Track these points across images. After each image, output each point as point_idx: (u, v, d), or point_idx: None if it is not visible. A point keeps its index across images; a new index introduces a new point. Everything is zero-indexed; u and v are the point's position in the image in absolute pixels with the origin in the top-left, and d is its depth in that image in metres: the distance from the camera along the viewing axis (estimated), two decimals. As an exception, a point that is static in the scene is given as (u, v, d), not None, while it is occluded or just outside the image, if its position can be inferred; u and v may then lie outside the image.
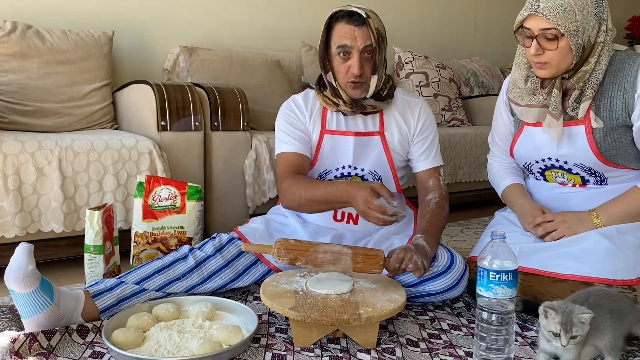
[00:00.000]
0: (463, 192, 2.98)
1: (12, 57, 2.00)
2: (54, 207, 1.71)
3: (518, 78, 1.50)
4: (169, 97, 1.99)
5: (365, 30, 1.47)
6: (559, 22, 1.31)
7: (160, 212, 1.68)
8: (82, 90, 2.14)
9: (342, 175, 1.62)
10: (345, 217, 1.63)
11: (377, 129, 1.60)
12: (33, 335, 1.19)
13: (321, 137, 1.60)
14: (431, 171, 1.62)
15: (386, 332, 1.36)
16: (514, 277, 1.12)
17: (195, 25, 2.76)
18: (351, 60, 1.48)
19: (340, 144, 1.59)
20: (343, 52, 1.48)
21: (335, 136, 1.60)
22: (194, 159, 2.04)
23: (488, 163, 1.78)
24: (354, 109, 1.55)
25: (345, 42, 1.47)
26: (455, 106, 3.24)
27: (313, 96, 1.64)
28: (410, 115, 1.62)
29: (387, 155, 1.60)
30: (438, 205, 1.56)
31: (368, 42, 1.47)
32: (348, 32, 1.47)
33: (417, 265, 1.37)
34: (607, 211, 1.44)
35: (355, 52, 1.47)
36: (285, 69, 2.82)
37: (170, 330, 1.26)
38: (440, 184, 1.61)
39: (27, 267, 1.21)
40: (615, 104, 1.40)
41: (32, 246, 1.25)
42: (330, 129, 1.60)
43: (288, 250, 1.37)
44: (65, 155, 1.72)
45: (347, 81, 1.51)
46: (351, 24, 1.47)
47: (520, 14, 1.38)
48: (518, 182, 1.66)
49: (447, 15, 3.88)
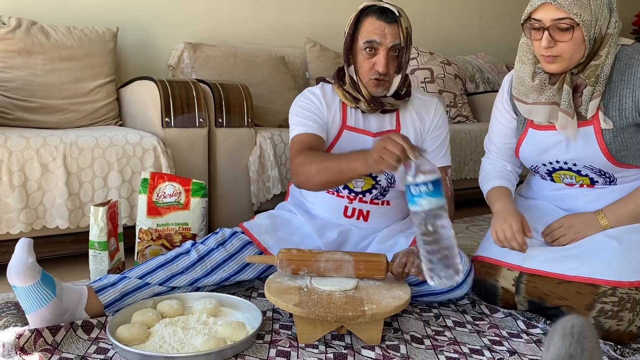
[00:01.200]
0: (468, 189, 2.96)
1: (16, 54, 2.01)
2: (59, 204, 1.71)
3: (524, 75, 1.42)
4: (173, 94, 1.98)
5: (396, 28, 1.44)
6: (574, 10, 1.25)
7: (164, 209, 1.68)
8: (86, 86, 2.14)
9: None
10: (356, 213, 1.62)
11: (393, 127, 1.58)
12: (38, 331, 1.19)
13: (340, 131, 1.56)
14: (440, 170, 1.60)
15: (391, 329, 1.36)
16: (435, 186, 1.12)
17: (199, 21, 2.75)
18: (377, 57, 1.45)
19: (359, 143, 1.54)
20: (370, 48, 1.45)
21: (355, 133, 1.56)
22: (199, 156, 2.04)
23: (481, 165, 1.69)
24: (373, 106, 1.52)
25: (374, 38, 1.44)
26: (461, 102, 3.22)
27: (331, 90, 1.59)
28: (425, 113, 1.61)
29: None
30: None
31: (397, 40, 1.44)
32: (378, 28, 1.44)
33: (419, 269, 1.35)
34: (614, 212, 1.40)
35: (383, 50, 1.44)
36: (290, 65, 2.82)
37: (174, 327, 1.26)
38: (446, 184, 1.58)
39: (27, 259, 1.23)
40: (624, 103, 1.34)
41: (32, 240, 1.27)
42: (350, 125, 1.56)
43: (290, 261, 1.38)
44: (70, 151, 1.72)
45: (370, 78, 1.48)
46: (382, 20, 1.44)
47: (530, 5, 1.31)
48: (504, 185, 1.56)
49: (452, 11, 3.86)
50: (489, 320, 1.44)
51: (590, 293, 1.30)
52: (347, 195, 1.61)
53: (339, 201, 1.62)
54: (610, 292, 1.28)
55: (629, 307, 1.27)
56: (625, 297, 1.28)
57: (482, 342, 1.31)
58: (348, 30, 1.50)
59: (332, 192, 1.63)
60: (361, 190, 1.60)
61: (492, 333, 1.36)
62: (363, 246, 1.61)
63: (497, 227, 1.43)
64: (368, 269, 1.38)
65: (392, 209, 1.63)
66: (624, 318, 1.27)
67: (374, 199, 1.61)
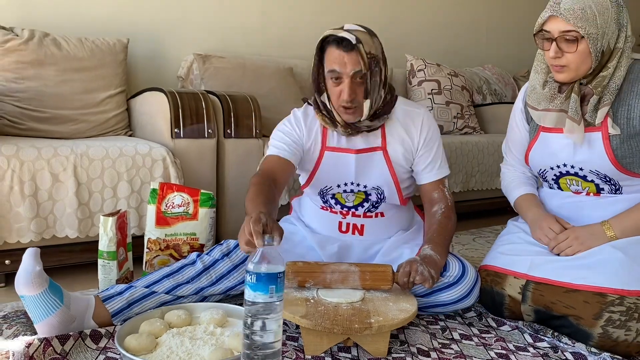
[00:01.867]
0: (475, 201, 2.97)
1: (29, 65, 2.04)
2: (69, 213, 1.73)
3: (536, 83, 1.50)
4: (182, 105, 2.01)
5: (355, 55, 1.42)
6: (579, 24, 1.32)
7: (173, 219, 1.70)
8: (97, 97, 2.17)
9: (344, 191, 1.60)
10: (350, 228, 1.63)
11: (379, 144, 1.58)
12: (47, 340, 1.20)
13: (322, 153, 1.58)
14: (436, 183, 1.60)
15: (397, 342, 1.36)
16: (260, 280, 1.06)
17: (208, 33, 2.78)
18: (342, 85, 1.45)
19: (341, 162, 1.57)
20: (335, 77, 1.45)
21: (336, 153, 1.58)
22: (207, 166, 2.06)
23: (501, 172, 1.77)
24: (350, 131, 1.53)
25: (334, 68, 1.44)
26: (468, 114, 3.23)
27: (313, 113, 1.61)
28: (412, 127, 1.59)
29: (390, 170, 1.57)
30: (444, 216, 1.54)
31: (358, 68, 1.43)
32: (337, 57, 1.43)
33: (424, 277, 1.35)
34: (620, 223, 1.42)
35: (346, 78, 1.44)
36: (298, 77, 2.83)
37: (182, 337, 1.27)
38: (445, 195, 1.59)
39: (34, 268, 1.25)
40: (633, 112, 1.39)
41: (38, 249, 1.29)
42: (331, 146, 1.58)
43: (296, 274, 1.39)
44: (80, 161, 1.75)
45: (339, 105, 1.48)
46: (340, 49, 1.43)
47: (540, 17, 1.39)
48: (531, 192, 1.64)
49: (459, 23, 3.88)
50: (495, 333, 1.44)
51: (597, 302, 1.30)
52: (339, 210, 1.63)
53: (332, 217, 1.64)
54: (617, 302, 1.29)
55: (637, 317, 1.27)
56: (632, 307, 1.28)
57: (488, 355, 1.31)
58: (314, 60, 1.50)
59: (326, 208, 1.65)
60: (353, 205, 1.61)
61: (498, 346, 1.36)
62: (366, 258, 1.61)
63: (539, 234, 1.52)
64: (374, 279, 1.38)
65: (386, 220, 1.64)
66: (632, 328, 1.27)
67: (367, 212, 1.62)
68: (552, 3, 1.36)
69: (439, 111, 3.12)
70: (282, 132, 1.59)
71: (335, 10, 3.22)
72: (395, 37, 3.42)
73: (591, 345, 1.31)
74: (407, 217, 1.71)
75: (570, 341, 1.34)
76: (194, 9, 2.73)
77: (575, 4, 1.32)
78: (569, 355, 1.31)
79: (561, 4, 1.34)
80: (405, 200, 1.67)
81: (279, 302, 1.08)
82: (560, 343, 1.35)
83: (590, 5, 1.32)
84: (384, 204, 1.62)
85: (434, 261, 1.41)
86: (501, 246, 1.59)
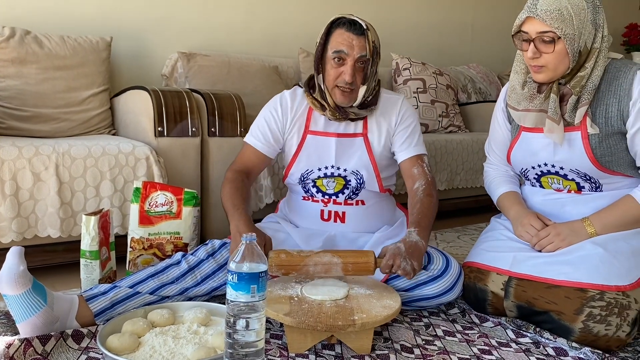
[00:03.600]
0: (460, 198, 2.98)
1: (10, 63, 2.01)
2: (51, 213, 1.71)
3: (516, 83, 1.51)
4: (166, 103, 1.99)
5: (363, 40, 1.51)
6: (555, 24, 1.33)
7: (156, 218, 1.69)
8: (80, 95, 2.15)
9: (325, 175, 1.63)
10: (332, 216, 1.65)
11: (360, 130, 1.64)
12: (28, 340, 1.19)
13: (304, 137, 1.64)
14: (414, 159, 1.62)
15: (381, 338, 1.37)
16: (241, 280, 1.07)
17: (193, 31, 2.77)
18: (344, 67, 1.52)
19: (322, 145, 1.63)
20: (338, 58, 1.51)
21: (318, 137, 1.63)
22: (191, 165, 2.05)
23: (484, 171, 1.78)
24: (339, 115, 1.58)
25: (342, 48, 1.50)
26: (453, 112, 3.25)
27: (301, 95, 1.67)
28: (392, 110, 1.65)
29: (369, 155, 1.62)
30: (426, 194, 1.56)
31: (364, 52, 1.51)
32: (346, 39, 1.50)
33: (406, 270, 1.37)
34: (601, 220, 1.44)
35: (350, 60, 1.51)
36: (283, 75, 2.83)
37: (165, 336, 1.26)
38: (425, 171, 1.61)
39: (19, 267, 1.23)
40: (610, 111, 1.41)
41: (22, 248, 1.27)
42: (313, 130, 1.64)
43: (279, 267, 1.39)
44: (62, 160, 1.73)
45: (334, 85, 1.54)
46: (351, 32, 1.51)
47: (518, 18, 1.40)
48: (513, 189, 1.66)
49: (445, 22, 3.90)
50: (478, 329, 1.45)
51: (578, 298, 1.33)
52: (321, 199, 1.65)
53: (314, 206, 1.66)
54: (598, 297, 1.31)
55: (617, 312, 1.30)
56: (612, 302, 1.30)
57: (471, 352, 1.32)
58: (320, 40, 1.56)
59: (307, 198, 1.68)
60: (334, 192, 1.63)
61: (481, 342, 1.37)
62: None
63: (520, 231, 1.54)
64: (356, 269, 1.39)
65: (367, 208, 1.66)
66: (612, 323, 1.29)
67: (347, 200, 1.64)
68: (529, 4, 1.38)
69: (424, 110, 3.14)
70: (265, 119, 1.67)
71: (321, 9, 3.21)
72: (380, 35, 3.39)
73: (572, 340, 1.33)
74: (389, 209, 1.73)
75: (552, 336, 1.35)
76: (179, 7, 2.72)
77: (552, 5, 1.33)
78: (550, 351, 1.32)
79: (538, 5, 1.35)
80: (385, 190, 1.69)
81: (261, 301, 1.08)
82: (542, 338, 1.37)
83: (566, 6, 1.34)
84: (364, 190, 1.64)
85: (418, 249, 1.41)
86: (484, 243, 1.60)
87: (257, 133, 1.66)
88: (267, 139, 1.65)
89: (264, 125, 1.66)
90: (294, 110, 1.65)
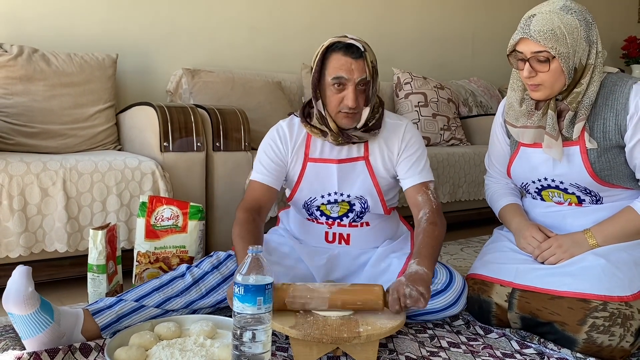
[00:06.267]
0: (463, 211, 2.99)
1: (18, 80, 2.05)
2: (58, 227, 1.73)
3: (513, 100, 1.52)
4: (171, 119, 2.02)
5: (362, 63, 1.46)
6: (549, 44, 1.35)
7: (162, 232, 1.71)
8: (86, 112, 2.18)
9: (328, 202, 1.60)
10: (337, 237, 1.65)
11: (361, 154, 1.59)
12: (37, 354, 1.20)
13: (304, 166, 1.60)
14: (419, 187, 1.58)
15: (386, 350, 1.37)
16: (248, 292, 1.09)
17: (197, 48, 2.81)
18: (346, 91, 1.47)
19: (324, 172, 1.58)
20: (338, 84, 1.46)
21: (319, 164, 1.59)
22: (196, 179, 2.07)
23: (485, 184, 1.80)
24: (341, 140, 1.54)
25: (341, 74, 1.45)
26: (454, 126, 3.27)
27: (298, 123, 1.62)
28: (395, 137, 1.60)
29: (372, 179, 1.58)
30: (430, 222, 1.51)
31: (364, 75, 1.46)
32: (345, 64, 1.45)
33: (414, 298, 1.29)
34: (602, 231, 1.45)
35: (351, 85, 1.46)
36: (287, 90, 2.87)
37: (172, 349, 1.27)
38: (430, 198, 1.56)
39: (27, 289, 1.23)
40: (608, 126, 1.42)
41: (30, 268, 1.27)
42: (313, 157, 1.59)
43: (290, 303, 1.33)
44: (69, 176, 1.75)
45: (338, 111, 1.50)
46: (348, 56, 1.45)
47: (512, 38, 1.42)
48: (515, 201, 1.67)
49: (446, 37, 3.94)
50: (483, 340, 1.46)
51: (581, 308, 1.33)
52: (325, 221, 1.64)
53: (318, 227, 1.65)
54: (601, 307, 1.31)
55: (620, 323, 1.30)
56: (616, 313, 1.30)
57: (476, 363, 1.33)
58: (315, 66, 1.50)
59: (312, 220, 1.66)
60: (338, 215, 1.63)
61: (486, 353, 1.38)
62: (355, 269, 1.62)
63: (523, 243, 1.55)
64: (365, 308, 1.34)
65: (372, 229, 1.65)
66: (615, 333, 1.30)
67: (352, 222, 1.64)
68: (523, 25, 1.39)
69: (426, 123, 3.16)
70: (265, 153, 1.61)
71: (323, 26, 3.26)
72: (382, 50, 3.46)
73: (576, 351, 1.33)
74: (393, 227, 1.73)
75: (556, 347, 1.36)
76: (183, 24, 2.76)
77: (545, 26, 1.35)
78: (554, 361, 1.33)
79: (531, 26, 1.36)
80: (390, 210, 1.68)
81: (267, 313, 1.09)
82: (546, 349, 1.37)
83: (559, 25, 1.35)
84: (368, 213, 1.63)
85: (420, 277, 1.34)
86: (487, 255, 1.61)
87: (260, 168, 1.60)
88: (271, 170, 1.59)
89: (265, 159, 1.60)
90: (294, 139, 1.60)
